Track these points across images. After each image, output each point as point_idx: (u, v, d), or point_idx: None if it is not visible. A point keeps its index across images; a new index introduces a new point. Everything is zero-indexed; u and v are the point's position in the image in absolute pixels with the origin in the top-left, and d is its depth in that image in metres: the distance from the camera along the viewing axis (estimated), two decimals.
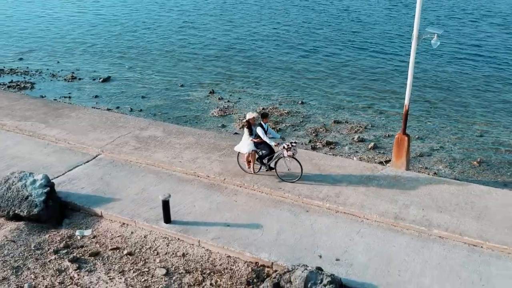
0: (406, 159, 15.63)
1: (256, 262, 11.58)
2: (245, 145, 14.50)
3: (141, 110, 21.87)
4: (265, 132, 14.24)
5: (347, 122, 20.68)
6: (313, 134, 19.43)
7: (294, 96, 23.60)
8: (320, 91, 24.23)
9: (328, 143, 18.53)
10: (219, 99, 23.25)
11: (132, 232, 12.75)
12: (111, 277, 11.15)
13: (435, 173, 16.36)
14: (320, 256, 11.50)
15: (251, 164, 14.81)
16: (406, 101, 15.36)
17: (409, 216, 12.90)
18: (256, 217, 13.12)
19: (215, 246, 12.05)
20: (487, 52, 30.71)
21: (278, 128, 19.87)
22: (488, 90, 24.37)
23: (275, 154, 14.57)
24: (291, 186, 14.31)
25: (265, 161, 14.79)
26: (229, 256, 11.84)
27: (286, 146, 13.98)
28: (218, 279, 11.13)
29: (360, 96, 23.60)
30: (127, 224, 13.02)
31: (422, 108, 22.26)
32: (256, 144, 14.39)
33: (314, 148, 18.13)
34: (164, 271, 11.35)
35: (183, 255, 11.93)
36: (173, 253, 11.99)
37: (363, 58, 29.43)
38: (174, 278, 11.15)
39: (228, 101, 23.00)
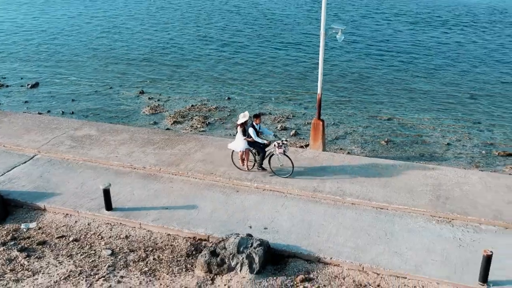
0: (322, 141, 17.54)
1: (194, 237, 12.91)
2: (239, 143, 15.33)
3: (72, 113, 22.43)
4: (257, 132, 15.22)
5: (271, 114, 22.43)
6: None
7: (220, 93, 25.04)
8: (244, 88, 25.85)
9: None
10: (149, 98, 24.24)
11: (76, 221, 13.65)
12: (60, 261, 12.05)
13: (348, 152, 18.40)
14: (250, 227, 13.02)
15: (245, 161, 15.69)
16: (319, 91, 17.26)
17: (325, 188, 14.75)
18: (191, 199, 14.44)
19: (156, 227, 13.25)
20: (395, 47, 33.78)
21: (207, 122, 21.23)
22: (395, 81, 27.08)
23: (267, 152, 15.53)
24: (222, 171, 15.77)
25: (258, 158, 15.56)
26: (169, 234, 13.09)
27: (277, 144, 15.02)
28: (160, 254, 12.35)
29: (281, 90, 25.47)
30: (70, 215, 13.89)
31: (337, 97, 24.48)
32: (249, 143, 15.27)
33: None
34: (109, 251, 12.41)
35: (126, 237, 13.04)
36: (116, 236, 13.06)
37: (281, 56, 31.46)
38: (119, 257, 12.24)
39: (158, 100, 24.05)
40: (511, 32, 38.95)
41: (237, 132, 15.54)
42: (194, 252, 12.38)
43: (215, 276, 11.42)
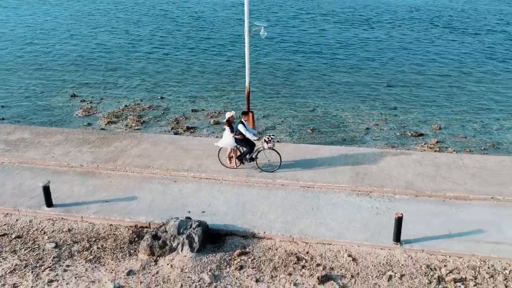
0: None
1: (135, 225, 13.63)
2: (227, 141, 15.62)
3: (3, 119, 22.24)
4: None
5: (204, 110, 23.35)
6: (174, 123, 21.74)
7: (153, 93, 25.65)
8: (176, 87, 26.60)
9: (188, 128, 21.00)
10: (81, 101, 24.41)
11: (17, 220, 13.96)
12: (3, 257, 12.38)
13: (278, 141, 19.68)
14: (189, 212, 13.92)
15: (233, 159, 16.09)
16: (247, 83, 18.42)
17: (257, 173, 15.90)
18: (131, 192, 15.11)
19: (97, 219, 13.84)
20: (320, 45, 35.72)
21: (142, 121, 21.82)
22: (319, 76, 28.82)
23: (255, 148, 15.90)
24: (159, 164, 16.53)
25: (245, 158, 15.88)
26: (111, 225, 13.72)
27: (266, 139, 15.51)
28: (103, 243, 12.97)
29: (213, 88, 26.46)
30: (10, 214, 14.16)
31: (266, 92, 25.80)
32: (237, 141, 15.66)
33: (176, 133, 20.46)
34: (53, 244, 12.87)
35: (69, 230, 13.54)
36: (59, 230, 13.52)
37: (212, 56, 32.49)
38: (63, 248, 12.75)
39: (91, 102, 24.29)
40: (425, 27, 42.10)
41: (224, 130, 15.78)
42: (136, 239, 13.09)
43: (158, 258, 12.23)
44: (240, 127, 15.41)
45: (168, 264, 11.98)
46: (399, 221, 12.15)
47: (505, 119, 22.60)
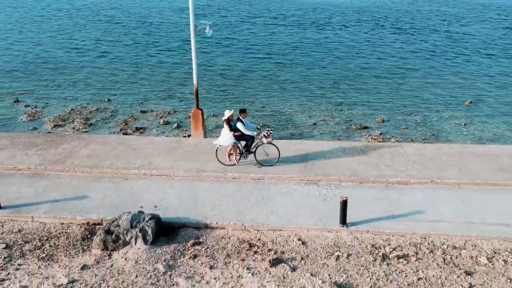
0: (203, 129, 18.98)
1: (88, 223, 13.59)
2: (227, 139, 15.75)
3: None
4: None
5: (153, 111, 23.43)
6: (123, 124, 21.71)
7: (100, 96, 25.48)
8: (124, 90, 26.53)
9: (138, 129, 21.03)
10: (25, 106, 23.95)
11: None
12: None
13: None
14: (141, 207, 14.01)
15: (233, 156, 16.17)
16: (195, 82, 18.69)
17: (209, 168, 16.19)
18: (81, 191, 15.03)
19: (48, 218, 13.70)
20: (269, 47, 36.43)
21: (89, 123, 21.66)
22: (268, 76, 29.50)
23: (254, 143, 16.09)
24: (109, 163, 16.52)
25: (247, 152, 16.12)
26: (62, 223, 13.62)
27: (265, 134, 15.73)
28: (56, 242, 12.88)
29: (162, 90, 26.57)
30: None
31: (216, 92, 26.18)
32: (236, 137, 15.78)
33: (125, 134, 20.45)
34: (3, 245, 12.65)
35: (19, 230, 13.34)
36: (9, 231, 13.30)
37: (160, 60, 32.56)
38: (14, 248, 12.56)
39: (35, 107, 23.86)
40: (371, 28, 43.68)
41: (223, 127, 15.92)
42: (89, 236, 13.07)
43: (112, 252, 12.28)
44: (239, 125, 15.69)
45: (122, 257, 12.06)
46: (344, 204, 12.75)
47: (444, 110, 23.92)
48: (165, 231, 13.09)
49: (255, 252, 12.24)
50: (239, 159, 16.37)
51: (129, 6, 51.23)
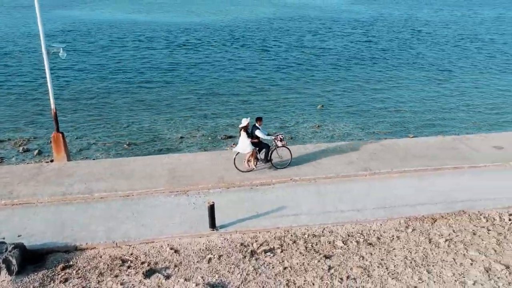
0: (66, 152, 18.49)
1: None
2: (246, 146, 16.43)
3: None
4: None
5: (10, 139, 22.19)
6: None
7: None
8: None
9: None
10: None
11: None
12: None
13: (94, 159, 19.75)
14: (3, 238, 13.35)
15: (251, 162, 16.87)
16: (52, 106, 18.16)
17: (74, 191, 15.89)
18: None
19: None
20: (127, 67, 36.20)
21: None
22: (131, 95, 29.39)
23: (270, 150, 16.90)
24: None
25: (262, 157, 16.99)
26: None
27: (280, 138, 16.80)
28: None
29: (18, 116, 25.21)
30: None
31: (78, 115, 25.50)
32: (253, 144, 16.45)
33: None
34: None
35: None
36: None
37: (12, 87, 30.80)
38: None
39: None
40: (229, 43, 45.36)
41: (240, 136, 16.63)
42: None
43: None
44: (258, 132, 16.58)
45: None
46: (211, 208, 13.43)
47: (299, 115, 25.88)
48: (33, 259, 12.65)
49: (129, 267, 12.38)
50: (256, 164, 17.13)
51: None
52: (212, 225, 13.63)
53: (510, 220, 14.50)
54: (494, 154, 18.83)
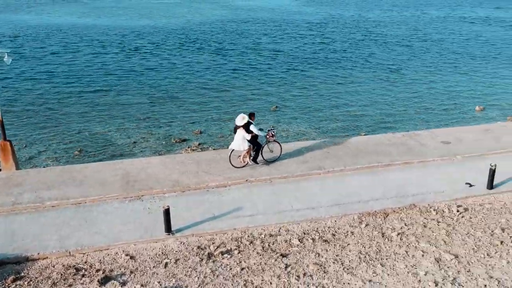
0: (14, 161, 17.88)
1: None
2: (243, 143, 16.70)
3: None
4: None
5: None
6: None
7: None
8: None
9: None
10: None
11: None
12: None
13: (44, 167, 19.19)
14: None
15: (247, 158, 17.27)
16: None
17: (24, 200, 15.39)
18: None
19: None
20: (76, 73, 35.40)
21: None
22: (81, 101, 28.75)
23: (262, 146, 17.36)
24: None
25: (253, 153, 17.26)
26: None
27: (271, 133, 17.26)
28: None
29: None
30: None
31: (26, 123, 24.71)
32: (249, 140, 16.74)
33: None
34: None
35: None
36: None
37: None
38: None
39: None
40: (184, 47, 45.05)
41: (235, 133, 16.80)
42: None
43: None
44: (252, 127, 16.72)
45: None
46: (167, 213, 13.32)
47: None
48: None
49: (83, 276, 12.10)
50: (250, 159, 17.46)
51: None
52: (168, 229, 13.51)
53: (458, 211, 15.06)
54: (442, 148, 19.53)
